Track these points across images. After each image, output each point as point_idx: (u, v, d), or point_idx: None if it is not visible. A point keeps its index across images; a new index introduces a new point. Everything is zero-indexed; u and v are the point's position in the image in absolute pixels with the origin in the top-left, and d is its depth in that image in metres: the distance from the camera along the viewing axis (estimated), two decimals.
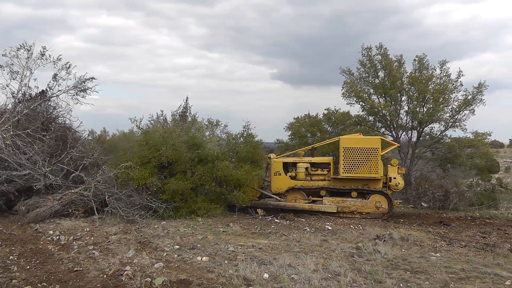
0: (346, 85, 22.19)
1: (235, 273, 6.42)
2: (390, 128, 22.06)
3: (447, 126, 21.45)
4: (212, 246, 8.43)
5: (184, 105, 22.88)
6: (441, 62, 21.30)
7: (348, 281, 6.26)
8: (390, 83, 21.22)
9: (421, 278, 6.75)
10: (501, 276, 7.06)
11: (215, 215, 12.29)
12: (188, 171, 12.91)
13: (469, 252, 9.42)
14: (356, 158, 13.91)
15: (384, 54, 21.60)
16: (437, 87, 20.84)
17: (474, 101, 20.76)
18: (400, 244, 9.63)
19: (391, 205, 14.04)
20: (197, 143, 13.95)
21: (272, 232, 10.58)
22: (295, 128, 24.79)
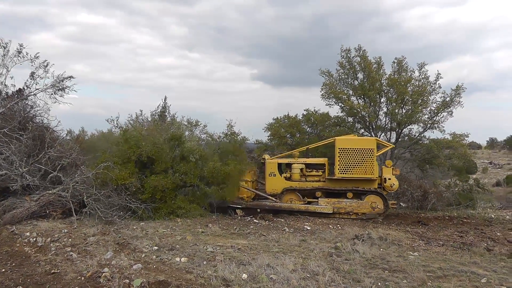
0: (325, 86, 22.40)
1: (213, 273, 6.40)
2: (369, 129, 22.29)
3: (425, 127, 21.80)
4: (191, 246, 8.40)
5: (163, 105, 22.85)
6: (420, 64, 21.66)
7: (327, 281, 6.29)
8: (369, 85, 21.48)
9: (399, 276, 6.83)
10: (478, 274, 7.20)
11: (194, 216, 12.26)
12: (170, 171, 12.88)
13: (447, 251, 9.61)
14: (352, 158, 14.04)
15: (363, 56, 21.85)
16: (416, 89, 21.18)
17: (452, 103, 21.16)
18: (379, 243, 9.74)
19: (387, 206, 14.22)
20: (177, 137, 13.95)
21: (251, 233, 10.63)
22: (275, 128, 24.83)
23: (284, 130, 24.74)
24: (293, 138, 24.77)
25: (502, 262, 8.55)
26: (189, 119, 21.75)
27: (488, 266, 8.03)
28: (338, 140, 14.47)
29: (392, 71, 21.94)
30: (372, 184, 14.26)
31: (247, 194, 15.07)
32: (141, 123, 21.95)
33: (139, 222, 11.13)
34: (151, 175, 12.53)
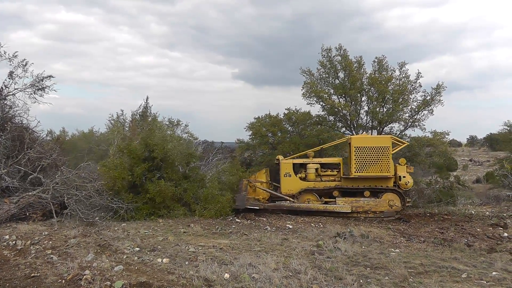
0: (306, 85, 22.48)
1: (195, 274, 6.41)
2: (350, 127, 22.46)
3: (406, 125, 22.07)
4: (173, 247, 8.39)
5: (145, 104, 22.79)
6: (400, 63, 21.92)
7: (309, 279, 6.34)
8: (350, 84, 21.64)
9: (381, 273, 6.93)
10: (458, 269, 7.34)
11: (176, 216, 12.26)
12: (171, 183, 13.05)
13: (428, 247, 9.76)
14: (368, 157, 14.01)
15: (344, 55, 22.01)
16: (397, 88, 21.40)
17: (433, 102, 21.45)
18: (360, 241, 9.86)
19: (404, 203, 14.27)
20: (193, 155, 14.53)
21: (233, 232, 10.64)
22: (256, 128, 24.86)
23: (265, 129, 24.79)
24: (274, 137, 24.85)
25: (482, 257, 8.71)
26: (170, 119, 21.73)
27: (468, 261, 8.19)
28: (354, 139, 14.47)
29: (372, 70, 22.16)
30: (388, 182, 14.26)
31: (263, 195, 15.06)
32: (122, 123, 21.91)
33: (121, 223, 11.09)
34: (158, 179, 12.73)
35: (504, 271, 7.36)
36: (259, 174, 15.51)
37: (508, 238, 10.99)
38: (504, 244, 10.17)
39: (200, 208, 12.82)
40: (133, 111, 22.71)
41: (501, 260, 8.19)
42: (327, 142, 21.86)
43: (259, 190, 14.96)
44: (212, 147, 24.73)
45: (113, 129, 20.74)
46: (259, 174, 15.49)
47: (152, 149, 13.03)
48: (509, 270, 7.43)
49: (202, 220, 12.15)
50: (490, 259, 8.43)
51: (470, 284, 6.50)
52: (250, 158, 26.65)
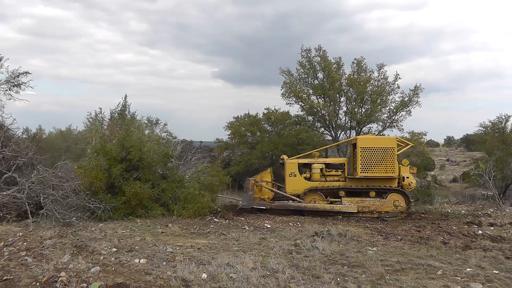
0: (285, 85, 22.60)
1: (173, 274, 6.36)
2: (329, 127, 22.63)
3: (384, 126, 22.40)
4: (150, 247, 8.33)
5: (123, 103, 22.61)
6: (378, 65, 22.22)
7: (286, 278, 6.34)
8: (329, 84, 21.83)
9: (358, 271, 6.97)
10: (434, 266, 7.44)
11: (154, 216, 12.19)
12: (149, 183, 12.95)
13: (405, 245, 9.87)
14: (374, 157, 14.11)
15: (323, 56, 22.18)
16: (375, 89, 21.67)
17: (411, 103, 21.81)
18: (338, 240, 9.93)
19: (409, 204, 14.39)
20: (169, 155, 14.29)
21: (211, 232, 10.61)
22: (235, 127, 24.89)
23: (244, 128, 24.83)
24: (253, 136, 24.91)
25: (457, 254, 8.86)
26: (149, 118, 21.58)
27: (444, 258, 8.31)
28: (360, 140, 14.54)
29: (351, 71, 22.39)
30: (392, 183, 14.40)
31: (268, 195, 15.05)
32: (100, 122, 21.69)
33: (98, 223, 10.99)
34: (135, 180, 12.62)
35: (478, 267, 7.52)
36: (265, 173, 15.54)
37: (482, 236, 11.23)
38: (478, 242, 10.36)
39: (178, 208, 12.77)
40: (112, 109, 22.52)
41: (475, 257, 8.36)
42: (306, 142, 22.04)
43: (264, 190, 15.00)
44: (191, 146, 24.62)
45: (92, 128, 20.50)
46: (264, 174, 15.51)
47: (128, 150, 12.93)
48: (482, 267, 7.59)
49: (180, 220, 12.10)
50: (465, 256, 8.58)
51: (445, 281, 6.59)
52: (229, 157, 26.67)
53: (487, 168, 19.21)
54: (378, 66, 22.23)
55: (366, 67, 22.38)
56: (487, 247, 9.61)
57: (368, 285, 6.19)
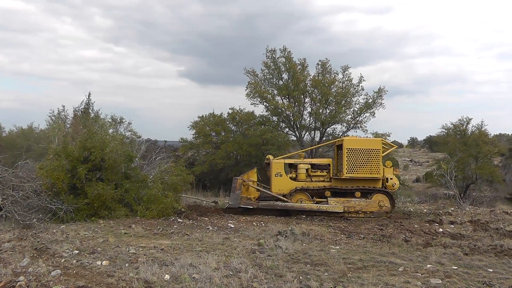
0: (250, 85, 22.69)
1: (135, 276, 6.33)
2: (293, 128, 22.85)
3: (349, 127, 22.78)
4: (113, 249, 8.25)
5: (87, 101, 22.23)
6: (343, 67, 22.59)
7: (249, 277, 6.37)
8: (293, 85, 22.04)
9: (321, 270, 7.07)
10: (395, 263, 7.62)
11: (117, 217, 12.08)
12: (112, 184, 12.80)
13: (367, 244, 10.00)
14: (359, 159, 14.26)
15: (287, 57, 22.39)
16: (340, 91, 22.01)
17: (375, 105, 22.24)
18: (301, 239, 9.98)
19: (393, 204, 14.60)
20: (132, 156, 14.16)
21: (174, 232, 10.55)
22: (200, 127, 24.86)
23: (209, 128, 24.82)
24: (218, 136, 24.92)
25: (418, 251, 9.11)
26: (113, 116, 21.30)
27: (405, 255, 8.53)
28: (346, 141, 14.64)
29: (316, 72, 22.66)
30: (377, 184, 14.58)
31: (254, 195, 15.03)
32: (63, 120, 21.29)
33: (60, 225, 10.80)
34: (97, 181, 12.44)
35: (438, 264, 7.77)
36: (251, 173, 15.51)
37: (443, 233, 11.53)
38: (439, 239, 10.64)
39: (142, 209, 12.69)
40: (75, 107, 22.10)
41: (436, 254, 8.62)
42: (271, 142, 22.18)
43: (251, 189, 14.99)
44: (156, 146, 24.41)
45: (54, 126, 20.04)
46: (251, 173, 15.48)
47: (90, 152, 12.77)
48: (442, 263, 7.85)
49: (144, 220, 12.00)
50: (425, 253, 8.82)
51: (406, 277, 6.76)
52: (194, 157, 26.59)
53: (448, 168, 19.76)
54: (343, 68, 22.63)
55: (331, 68, 22.77)
56: (447, 244, 9.87)
57: (331, 283, 6.27)
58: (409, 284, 6.38)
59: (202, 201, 17.50)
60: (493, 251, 9.15)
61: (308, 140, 23.36)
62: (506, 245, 9.63)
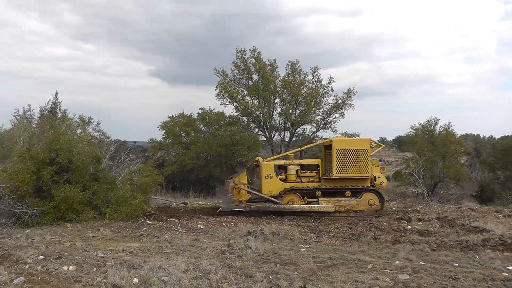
0: (220, 85, 22.65)
1: (103, 280, 6.23)
2: (263, 128, 22.92)
3: (318, 127, 22.96)
4: (81, 253, 8.09)
5: (54, 100, 21.78)
6: (313, 68, 22.88)
7: (219, 278, 6.36)
8: (263, 86, 22.11)
9: (290, 269, 7.11)
10: (364, 261, 7.74)
11: (85, 220, 11.87)
12: (80, 186, 12.53)
13: (337, 242, 10.13)
14: (348, 158, 14.37)
15: (257, 57, 22.44)
16: (309, 91, 22.17)
17: (344, 105, 22.52)
18: (271, 238, 10.01)
19: (383, 202, 14.73)
20: (99, 156, 13.90)
21: (143, 235, 10.46)
22: (169, 127, 24.72)
23: (179, 128, 24.70)
24: (188, 137, 24.81)
25: (387, 248, 9.25)
26: (81, 116, 20.92)
27: (374, 253, 8.66)
28: (336, 141, 14.71)
29: (286, 73, 22.78)
30: (366, 183, 14.71)
31: (245, 197, 14.97)
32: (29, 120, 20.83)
33: (25, 229, 10.55)
34: (64, 183, 12.16)
35: (406, 260, 7.92)
36: (242, 175, 15.49)
37: (411, 231, 11.75)
38: (407, 236, 10.82)
39: (110, 211, 12.52)
40: (41, 106, 21.63)
41: (404, 250, 8.79)
42: (241, 142, 22.18)
43: (242, 192, 14.95)
44: (125, 146, 24.12)
45: (19, 126, 19.55)
46: (241, 176, 15.45)
47: (57, 153, 12.51)
48: (410, 259, 8.00)
49: (112, 223, 11.85)
50: (394, 250, 8.97)
51: (375, 274, 6.85)
52: (163, 158, 26.39)
53: (417, 167, 20.13)
54: (313, 69, 22.83)
55: (301, 69, 22.93)
56: (415, 241, 10.06)
57: (300, 282, 6.30)
58: (378, 280, 6.46)
59: (172, 203, 17.37)
60: (459, 247, 9.39)
61: (278, 141, 23.48)
62: (471, 240, 9.87)
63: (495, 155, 29.54)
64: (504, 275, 6.94)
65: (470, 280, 6.61)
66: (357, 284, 6.25)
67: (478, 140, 61.95)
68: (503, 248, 9.12)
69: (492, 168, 29.73)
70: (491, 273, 7.01)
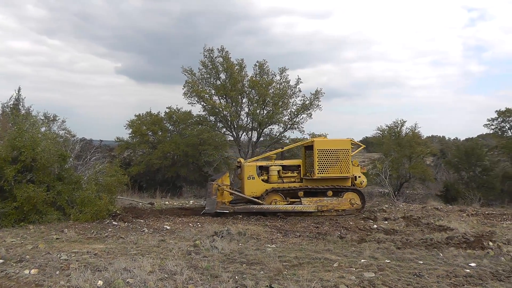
0: (187, 84, 22.56)
1: (66, 284, 6.12)
2: (230, 128, 22.95)
3: (286, 127, 23.11)
4: (43, 256, 7.94)
5: (16, 96, 21.31)
6: (281, 69, 23.01)
7: (184, 279, 6.35)
8: (231, 85, 22.12)
9: (256, 268, 7.15)
10: (330, 260, 7.85)
11: (49, 221, 11.68)
12: (44, 185, 12.33)
13: (303, 241, 10.21)
14: (330, 159, 14.51)
15: (225, 57, 22.43)
16: (277, 92, 22.30)
17: (311, 106, 22.73)
18: (238, 238, 10.04)
19: (364, 201, 14.94)
20: (65, 155, 13.71)
21: (109, 236, 10.36)
22: (136, 126, 24.52)
23: (146, 127, 24.52)
24: (155, 136, 24.65)
25: (353, 247, 9.39)
26: (46, 114, 20.52)
27: (340, 252, 8.80)
28: (317, 142, 14.84)
29: (254, 73, 22.85)
30: (347, 182, 14.87)
31: (228, 199, 14.97)
32: None
33: None
34: (27, 183, 11.93)
35: (371, 258, 8.09)
36: (224, 177, 15.46)
37: (377, 229, 11.93)
38: (373, 235, 10.98)
39: (75, 212, 12.35)
40: (3, 103, 21.12)
41: (369, 249, 8.97)
42: (208, 142, 22.15)
43: (225, 194, 14.93)
44: (91, 145, 23.77)
45: None
46: (224, 178, 15.42)
47: (20, 151, 12.25)
48: (375, 257, 8.18)
49: (77, 224, 11.70)
50: (360, 249, 9.12)
51: (340, 272, 6.96)
52: (130, 157, 26.14)
53: (383, 168, 20.44)
54: (280, 69, 22.97)
55: (269, 70, 23.03)
56: (381, 240, 10.24)
57: (266, 281, 6.33)
58: (343, 279, 6.56)
59: (138, 203, 17.21)
60: (424, 245, 9.63)
61: (245, 141, 23.56)
62: (435, 239, 10.15)
63: (459, 156, 30.29)
64: (466, 272, 7.18)
65: (434, 277, 6.81)
66: (322, 282, 6.32)
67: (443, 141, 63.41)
68: (466, 246, 9.40)
69: (457, 168, 30.52)
70: (454, 270, 7.25)
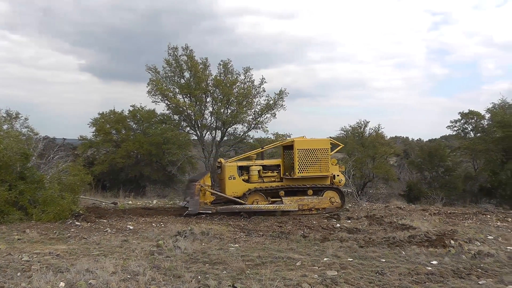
0: (151, 82, 22.49)
1: (28, 285, 6.14)
2: (194, 127, 23.01)
3: (250, 127, 23.31)
4: (4, 257, 7.89)
5: None
6: (245, 68, 23.09)
7: (147, 280, 6.40)
8: (195, 84, 22.17)
9: (219, 268, 7.30)
10: (293, 258, 8.07)
11: (10, 221, 11.58)
12: (5, 184, 12.25)
13: (266, 241, 10.35)
14: (309, 158, 14.63)
15: (190, 55, 22.45)
16: (241, 91, 22.46)
17: (276, 106, 22.97)
18: (201, 238, 10.14)
19: (344, 200, 15.16)
20: (27, 154, 13.61)
21: (71, 236, 10.34)
22: (100, 124, 24.26)
23: (109, 126, 24.31)
24: (118, 134, 24.47)
25: (315, 246, 9.62)
26: (8, 111, 20.11)
27: (303, 250, 9.04)
28: (297, 142, 14.89)
29: (218, 72, 22.95)
30: (326, 181, 15.03)
31: (209, 200, 14.85)
32: None
33: None
34: None
35: (334, 257, 8.36)
36: (206, 178, 15.36)
37: (340, 228, 12.14)
38: (336, 234, 11.14)
39: (37, 212, 12.26)
40: None
41: (332, 247, 9.23)
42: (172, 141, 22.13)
43: (207, 194, 14.84)
44: (54, 143, 23.40)
45: None
46: (206, 178, 15.32)
47: None
48: (338, 256, 8.46)
49: (39, 224, 11.62)
50: (323, 247, 9.35)
51: (303, 271, 7.18)
52: (93, 156, 25.84)
53: (347, 167, 20.82)
54: (245, 69, 23.12)
55: (233, 69, 23.14)
56: (343, 238, 10.44)
57: (229, 281, 6.48)
58: (306, 277, 6.77)
59: (101, 203, 17.10)
60: (386, 243, 9.92)
61: (209, 140, 23.65)
62: (398, 237, 10.42)
63: (422, 156, 30.80)
64: (428, 269, 7.54)
65: (396, 275, 7.11)
66: (285, 281, 6.52)
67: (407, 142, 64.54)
68: (428, 244, 9.72)
69: (420, 169, 31.05)
70: (416, 268, 7.59)
